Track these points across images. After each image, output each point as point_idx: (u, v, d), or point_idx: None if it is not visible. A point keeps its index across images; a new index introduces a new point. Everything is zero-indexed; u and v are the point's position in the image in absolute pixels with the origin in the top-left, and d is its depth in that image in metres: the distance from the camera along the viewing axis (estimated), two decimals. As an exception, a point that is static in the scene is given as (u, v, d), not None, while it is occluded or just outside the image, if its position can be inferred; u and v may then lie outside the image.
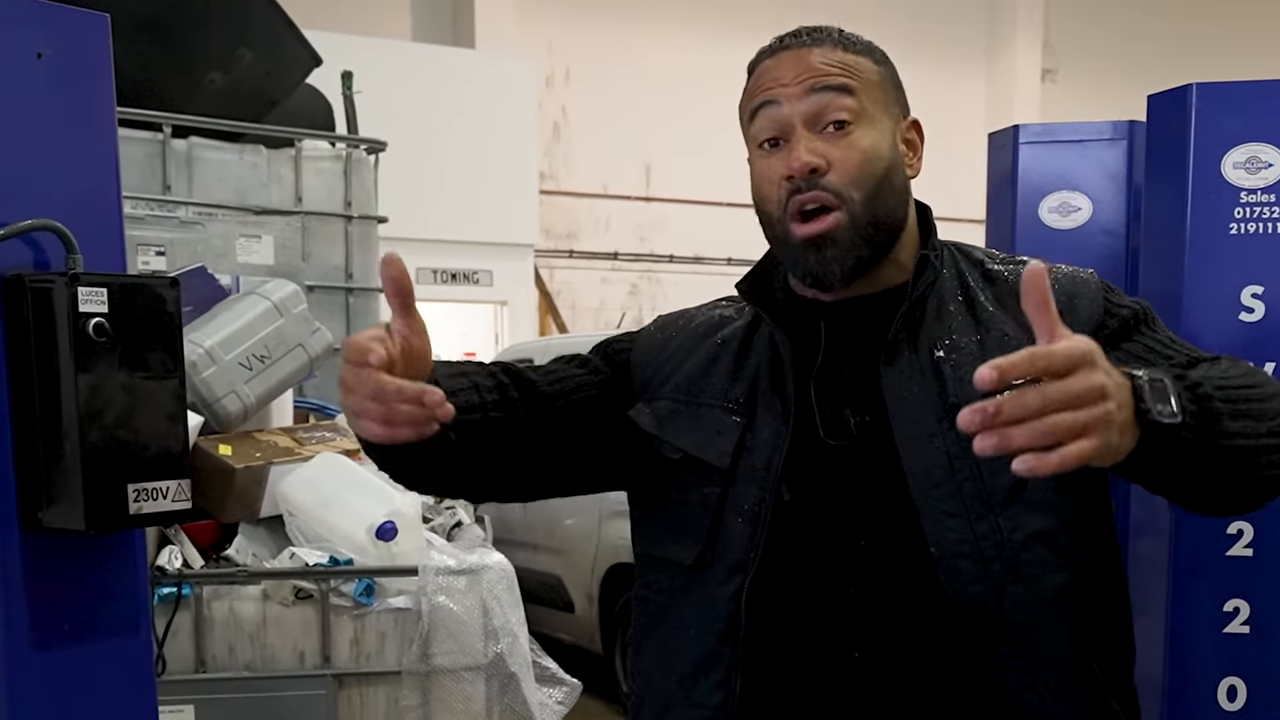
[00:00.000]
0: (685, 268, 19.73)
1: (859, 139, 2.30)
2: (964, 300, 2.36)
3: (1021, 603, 2.20)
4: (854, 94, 2.30)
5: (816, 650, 2.30)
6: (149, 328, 2.98)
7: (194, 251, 6.10)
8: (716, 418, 2.42)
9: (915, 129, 2.42)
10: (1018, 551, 2.20)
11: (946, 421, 2.22)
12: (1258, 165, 3.99)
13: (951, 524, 2.21)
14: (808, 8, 20.65)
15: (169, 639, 4.72)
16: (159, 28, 6.06)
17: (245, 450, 5.16)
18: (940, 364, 2.28)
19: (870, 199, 2.30)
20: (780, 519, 2.31)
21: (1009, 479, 2.18)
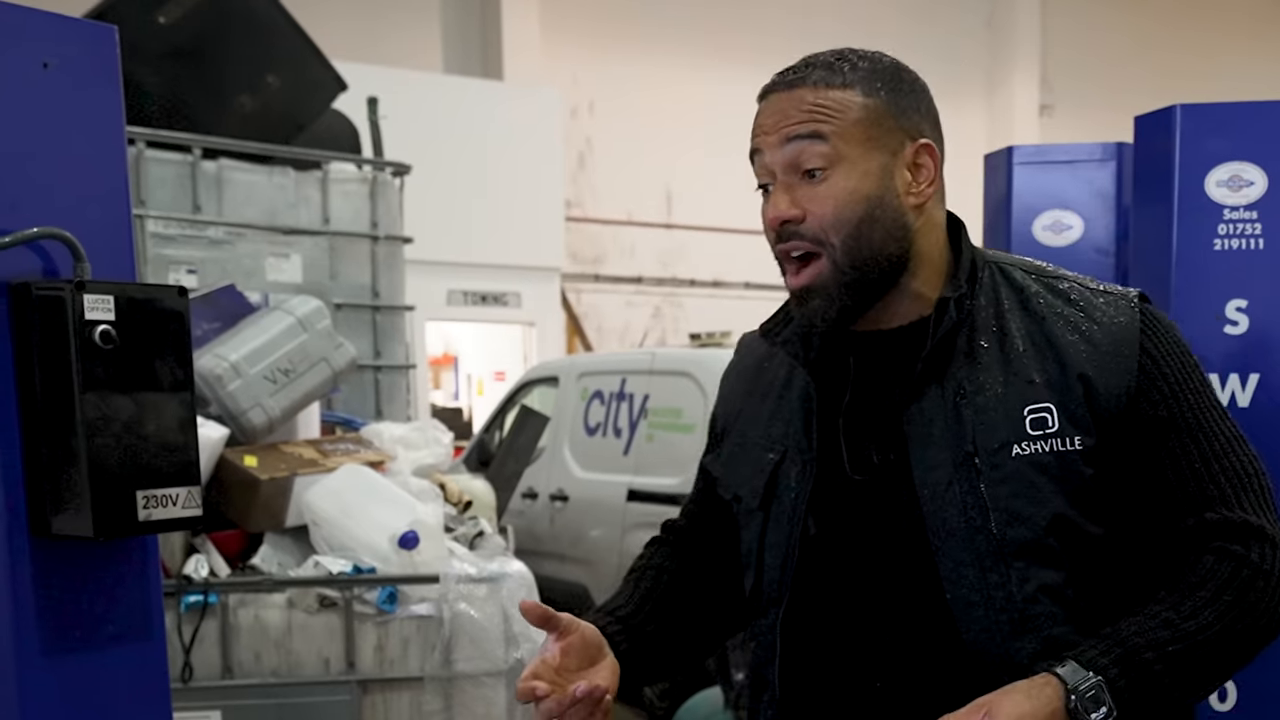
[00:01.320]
0: (705, 291, 19.75)
1: (833, 185, 2.19)
2: (997, 334, 2.24)
3: (1030, 653, 2.15)
4: (826, 139, 2.19)
5: (843, 678, 2.30)
6: (157, 336, 2.87)
7: (224, 270, 6.06)
8: (757, 456, 2.42)
9: (926, 152, 2.24)
10: (1027, 604, 2.16)
11: (963, 470, 2.18)
12: (1240, 183, 4.02)
13: (965, 572, 2.18)
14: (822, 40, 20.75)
15: (196, 646, 4.69)
16: (190, 54, 6.05)
17: (271, 462, 5.10)
18: (962, 408, 2.21)
19: (850, 241, 2.19)
20: (808, 552, 2.32)
21: (1021, 532, 2.15)
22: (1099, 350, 2.18)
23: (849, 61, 2.24)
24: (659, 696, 9.41)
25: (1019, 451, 2.15)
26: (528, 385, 11.68)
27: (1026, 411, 2.16)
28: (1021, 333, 2.23)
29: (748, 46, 19.72)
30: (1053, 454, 2.14)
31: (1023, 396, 2.17)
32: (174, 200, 6.02)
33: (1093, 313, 2.23)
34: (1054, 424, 2.15)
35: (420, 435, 5.78)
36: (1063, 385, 2.16)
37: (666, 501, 9.07)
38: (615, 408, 10.01)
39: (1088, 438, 2.14)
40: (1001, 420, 2.17)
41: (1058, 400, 2.15)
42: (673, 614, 2.53)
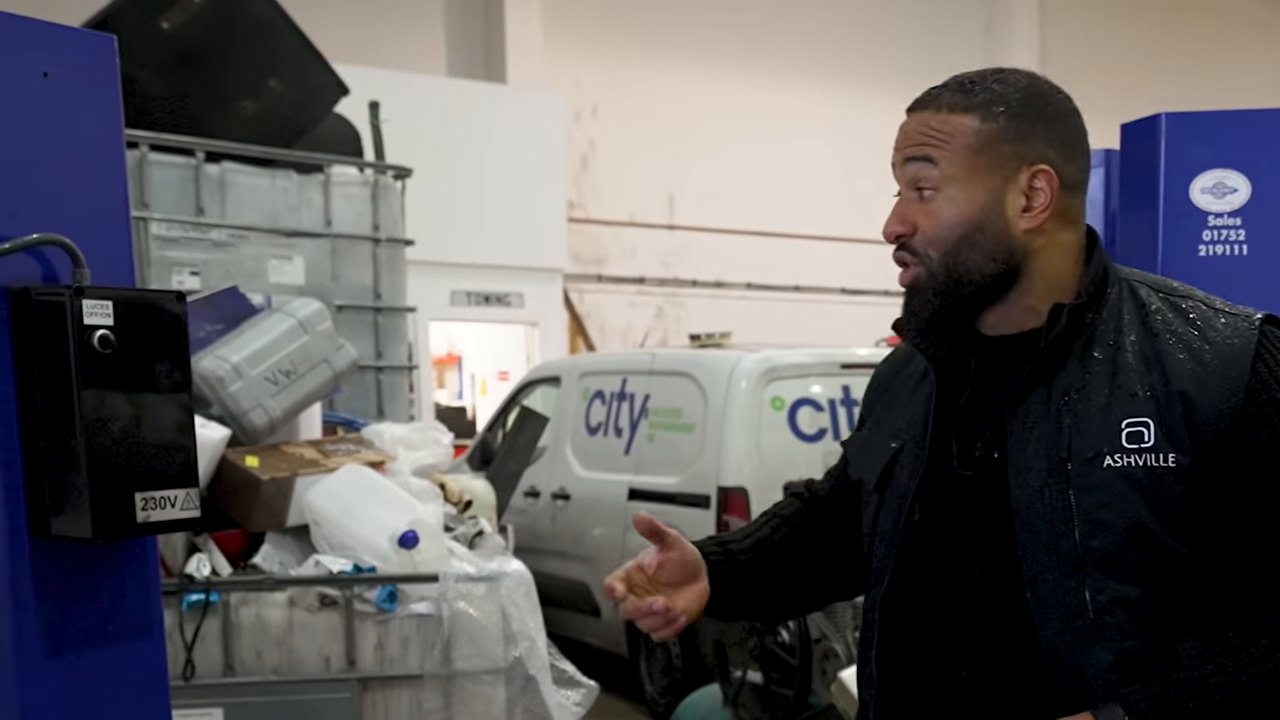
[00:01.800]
0: (707, 292, 19.73)
1: (939, 206, 2.28)
2: (1112, 347, 2.26)
3: (1101, 662, 2.17)
4: (936, 163, 2.28)
5: (933, 664, 2.37)
6: (155, 340, 2.89)
7: (227, 272, 6.07)
8: (883, 443, 2.52)
9: (1042, 178, 2.27)
10: (1101, 614, 2.18)
11: (1055, 474, 2.21)
12: (1224, 190, 4.03)
13: (1046, 575, 2.21)
14: (822, 46, 20.73)
15: (198, 644, 4.69)
16: (194, 59, 6.06)
17: (272, 462, 5.11)
18: (1064, 414, 2.23)
19: (948, 258, 2.28)
20: (910, 538, 2.39)
21: (1102, 542, 2.17)
22: (1206, 369, 2.18)
23: (981, 84, 2.30)
24: (660, 693, 9.43)
25: (1110, 463, 2.16)
26: (530, 385, 11.70)
27: (1124, 424, 2.18)
28: (1134, 348, 2.24)
29: (748, 51, 19.77)
30: (1145, 468, 2.15)
31: (1123, 409, 2.19)
32: (177, 203, 6.03)
33: (1208, 332, 2.23)
34: (1150, 439, 2.16)
35: (420, 436, 5.79)
36: (1165, 401, 2.17)
37: (667, 500, 9.10)
38: (616, 407, 10.03)
39: (1183, 456, 2.14)
40: (1099, 430, 2.19)
41: (1157, 415, 2.16)
42: (778, 564, 2.66)
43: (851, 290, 20.32)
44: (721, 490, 8.62)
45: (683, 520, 8.71)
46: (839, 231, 20.11)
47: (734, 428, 8.75)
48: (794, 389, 8.99)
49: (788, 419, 8.89)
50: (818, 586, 2.77)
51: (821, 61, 20.36)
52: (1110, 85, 22.27)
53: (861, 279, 20.28)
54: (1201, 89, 19.45)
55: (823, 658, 5.73)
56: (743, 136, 19.46)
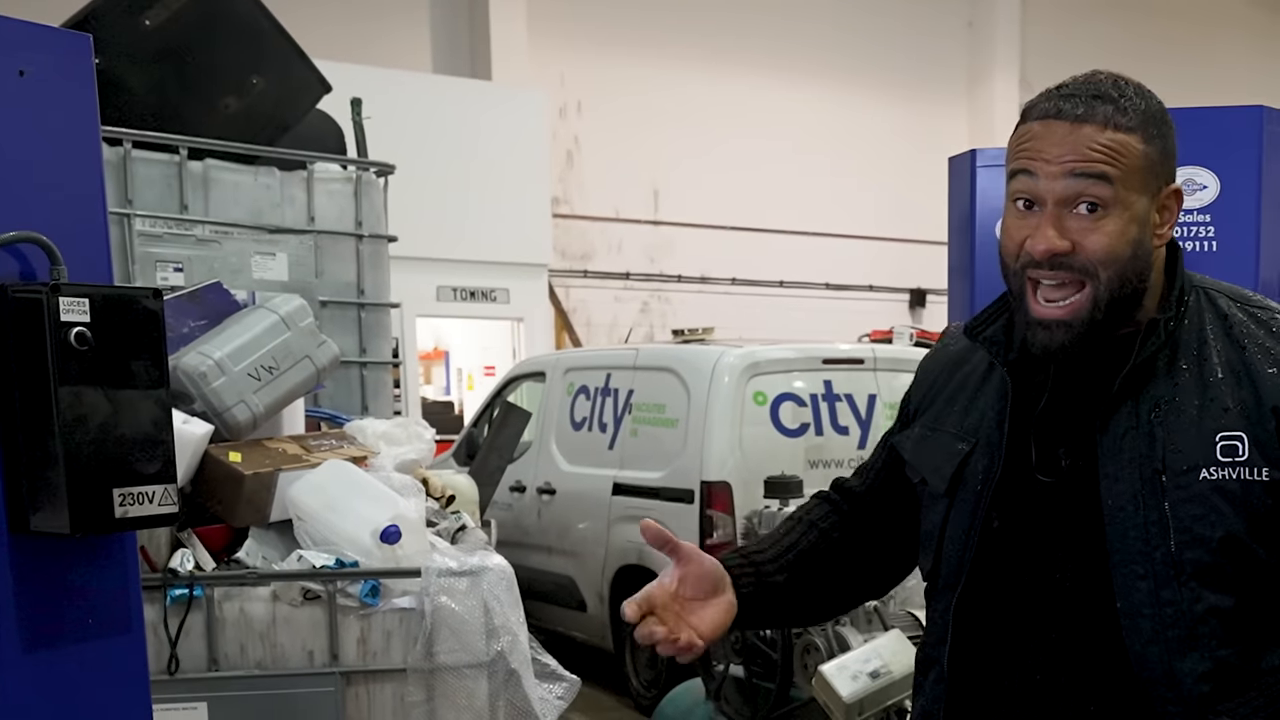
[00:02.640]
0: (692, 287, 19.78)
1: (1109, 225, 2.22)
2: (1198, 358, 2.27)
3: (1192, 671, 2.18)
4: (1112, 182, 2.21)
5: (1007, 668, 2.37)
6: (132, 337, 2.89)
7: (211, 268, 6.04)
8: (948, 444, 2.49)
9: (1175, 197, 2.30)
10: (1195, 623, 2.18)
11: (1149, 486, 2.21)
12: (1194, 187, 4.07)
13: (1139, 585, 2.21)
14: (806, 41, 20.73)
15: (182, 639, 4.67)
16: (176, 56, 6.04)
17: (255, 457, 5.10)
18: (1155, 426, 2.23)
19: (1116, 278, 2.24)
20: (988, 544, 2.38)
21: (1199, 554, 2.18)
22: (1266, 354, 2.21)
23: (1131, 101, 2.26)
24: (645, 686, 9.45)
25: (1206, 476, 2.17)
26: (515, 380, 11.70)
27: (1219, 437, 2.18)
28: (1221, 359, 2.25)
29: (733, 47, 19.81)
30: (1239, 482, 2.16)
31: (1216, 422, 2.19)
32: (161, 200, 6.00)
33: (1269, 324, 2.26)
34: (1244, 453, 2.17)
35: (403, 431, 5.78)
36: (1256, 416, 2.18)
37: (651, 495, 9.11)
38: (600, 403, 10.04)
39: (1276, 471, 2.16)
40: (1193, 443, 2.19)
41: (1249, 430, 2.17)
42: (809, 572, 2.64)
43: (835, 285, 20.36)
44: (705, 485, 8.62)
45: (666, 515, 8.72)
46: (823, 227, 20.16)
47: (717, 422, 8.76)
48: (777, 384, 9.01)
49: (770, 414, 8.90)
50: (851, 589, 2.79)
51: (805, 57, 20.39)
52: (1091, 80, 22.35)
53: (845, 274, 20.35)
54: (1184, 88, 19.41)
55: (804, 651, 5.72)
56: (727, 132, 19.49)
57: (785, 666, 5.82)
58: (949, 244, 4.97)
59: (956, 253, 4.91)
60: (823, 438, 8.98)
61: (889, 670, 5.21)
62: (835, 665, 5.26)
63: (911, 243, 20.27)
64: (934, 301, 21.03)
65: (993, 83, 22.37)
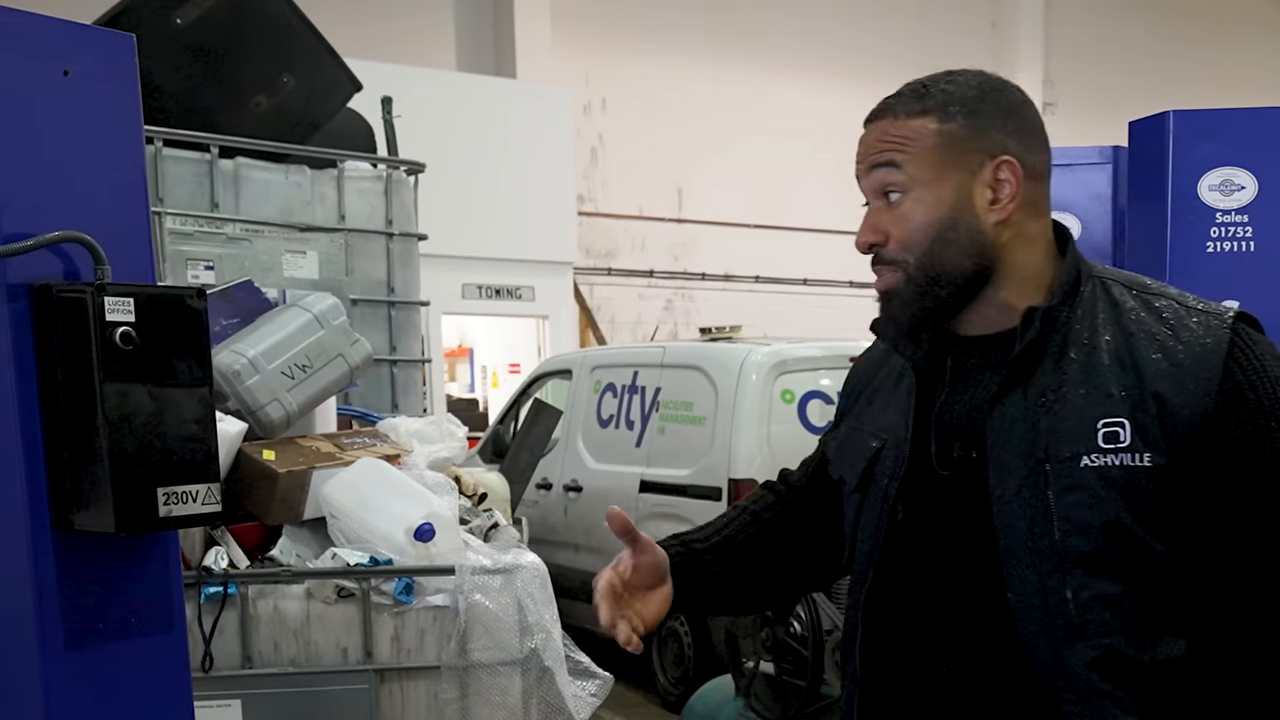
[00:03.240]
0: (716, 285, 19.77)
1: (909, 209, 2.29)
2: (1087, 347, 2.26)
3: (1081, 659, 2.19)
4: (901, 167, 2.30)
5: (914, 661, 2.39)
6: (176, 336, 2.89)
7: (241, 266, 6.05)
8: (863, 441, 2.54)
9: (1007, 168, 2.29)
10: (1082, 611, 2.19)
11: (1033, 475, 2.22)
12: (1231, 188, 4.05)
13: (1026, 575, 2.22)
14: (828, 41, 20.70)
15: (216, 636, 4.68)
16: (207, 54, 6.04)
17: (289, 455, 5.11)
18: (1041, 415, 2.24)
19: (925, 259, 2.29)
20: (894, 538, 2.41)
21: (1082, 541, 2.18)
22: (1179, 369, 2.18)
23: (934, 87, 2.33)
24: (672, 683, 9.45)
25: (1088, 463, 2.17)
26: (541, 378, 11.70)
27: (1101, 424, 2.18)
28: (1109, 347, 2.24)
29: (755, 45, 19.81)
30: (1121, 468, 2.16)
31: (1099, 409, 2.19)
32: (192, 198, 6.01)
33: (1181, 332, 2.22)
34: (1126, 439, 2.16)
35: (435, 429, 5.78)
36: (1139, 401, 2.17)
37: (678, 492, 9.12)
38: (628, 400, 10.05)
39: (1158, 456, 2.14)
40: (1075, 430, 2.20)
41: (1132, 415, 2.16)
42: (746, 560, 2.70)
43: (859, 283, 20.27)
44: (732, 482, 8.63)
45: (694, 512, 8.73)
46: (847, 225, 19.87)
47: (745, 420, 8.77)
48: (804, 381, 9.02)
49: (798, 411, 8.91)
50: (788, 579, 2.82)
51: (828, 57, 20.39)
52: (1114, 83, 22.33)
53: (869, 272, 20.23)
54: (1206, 87, 19.45)
55: (835, 648, 5.71)
56: (750, 130, 19.48)
57: (816, 663, 5.82)
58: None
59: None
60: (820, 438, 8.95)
61: (921, 667, 5.21)
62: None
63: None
64: (957, 299, 20.92)
65: (1016, 81, 22.22)
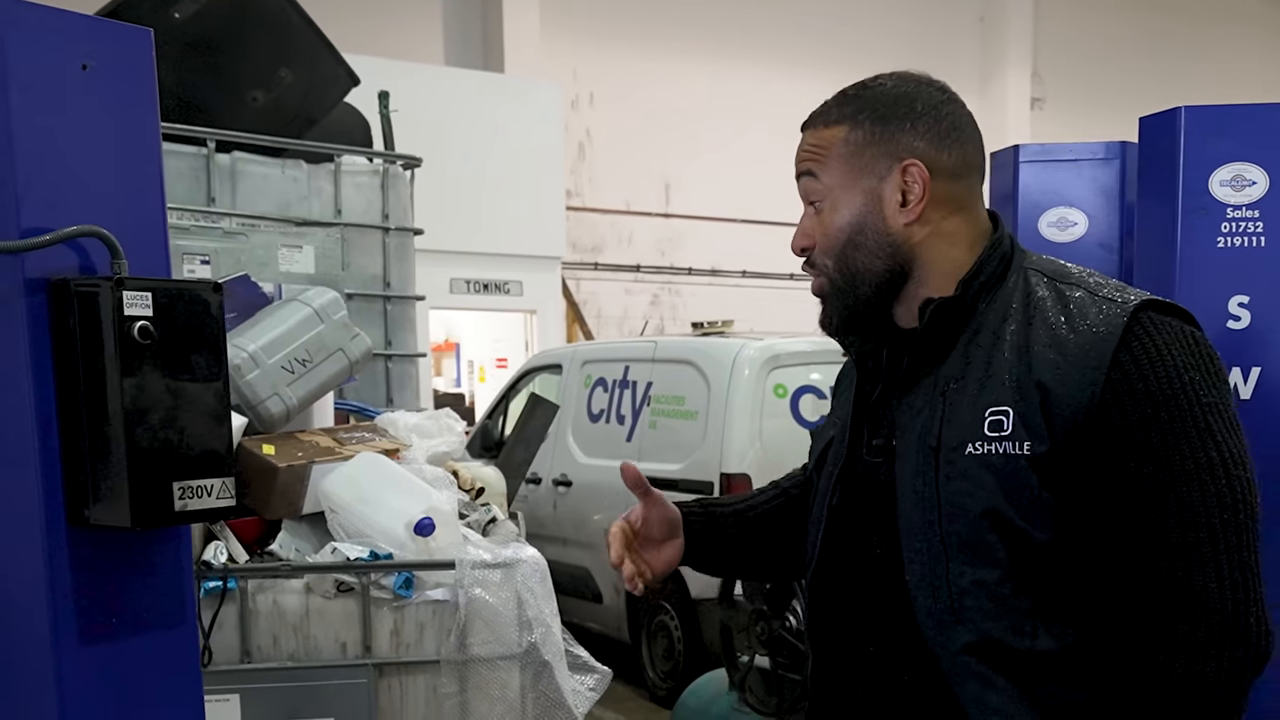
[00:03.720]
0: (703, 280, 19.80)
1: (826, 216, 2.42)
2: (994, 337, 2.30)
3: (963, 644, 2.25)
4: (817, 176, 2.42)
5: (846, 641, 2.49)
6: (193, 331, 2.90)
7: (237, 261, 6.05)
8: (825, 431, 2.69)
9: (914, 171, 2.35)
10: (959, 596, 2.25)
11: (925, 463, 2.30)
12: (1243, 183, 4.07)
13: (917, 559, 2.30)
14: (816, 36, 20.71)
15: (215, 631, 4.67)
16: (205, 49, 6.04)
17: (288, 450, 5.10)
18: (941, 404, 2.30)
19: (839, 263, 2.41)
20: (833, 521, 2.53)
21: (961, 527, 2.25)
22: (1066, 359, 2.20)
23: (852, 95, 2.44)
24: (661, 678, 9.46)
25: (972, 450, 2.23)
26: (531, 372, 11.70)
27: (988, 412, 2.23)
28: (1012, 338, 2.27)
29: (743, 40, 19.83)
30: (1002, 456, 2.20)
31: (989, 397, 2.24)
32: (188, 192, 6.01)
33: (1077, 321, 2.23)
34: (1008, 427, 2.21)
35: (434, 423, 5.78)
36: (1024, 390, 2.20)
37: (669, 487, 9.10)
38: (618, 395, 10.05)
39: (1039, 445, 2.18)
40: (966, 418, 2.25)
41: (1017, 405, 2.20)
42: (763, 530, 2.84)
43: (846, 278, 20.33)
44: (724, 477, 8.65)
45: (686, 507, 8.75)
46: (834, 220, 20.13)
47: (737, 415, 8.79)
48: (796, 376, 9.04)
49: (790, 406, 8.93)
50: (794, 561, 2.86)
51: (817, 51, 20.40)
52: (1103, 79, 22.38)
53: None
54: (1196, 84, 19.52)
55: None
56: (738, 125, 19.50)
57: (813, 658, 5.82)
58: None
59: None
60: (810, 432, 8.98)
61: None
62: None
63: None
64: (943, 294, 20.98)
65: (1005, 78, 22.41)
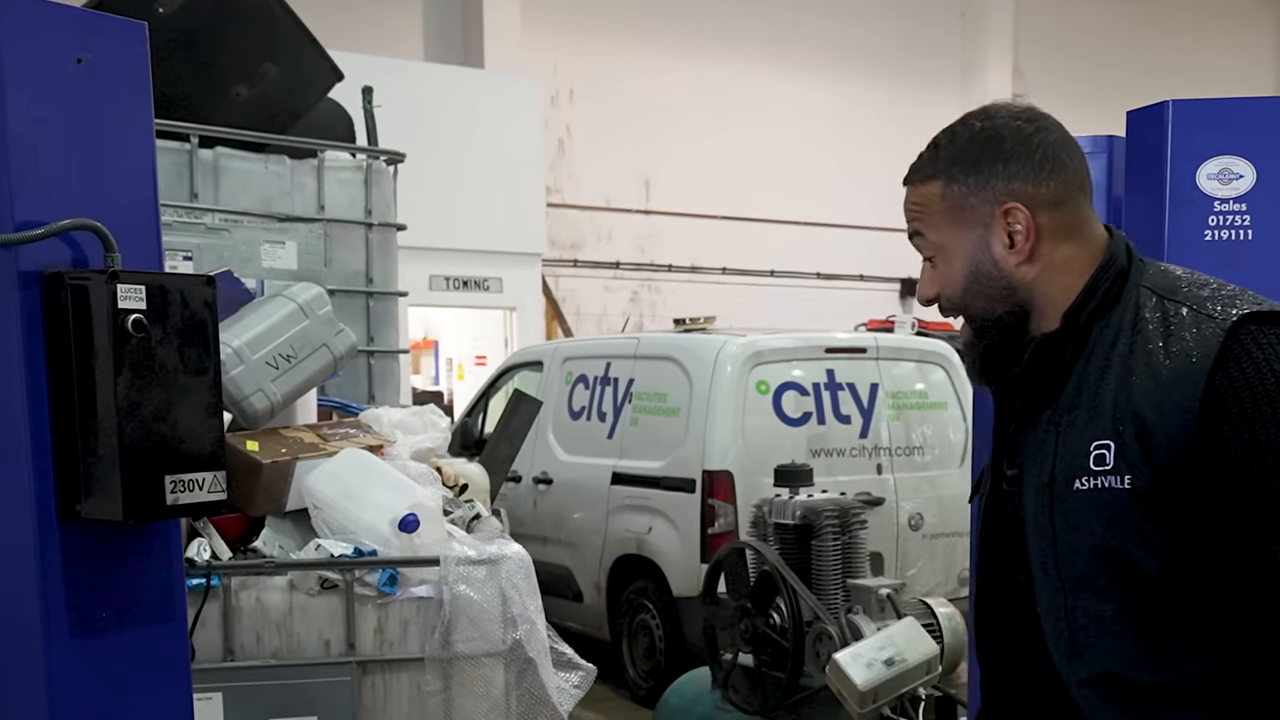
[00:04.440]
0: (683, 276, 19.77)
1: (943, 269, 2.44)
2: (1103, 364, 2.26)
3: (1081, 679, 2.26)
4: (924, 234, 2.45)
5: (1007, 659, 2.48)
6: (185, 324, 2.91)
7: (220, 256, 6.04)
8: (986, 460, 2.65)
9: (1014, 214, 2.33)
10: (1076, 632, 2.25)
11: (1043, 497, 2.29)
12: (1230, 176, 4.06)
13: (1043, 592, 2.31)
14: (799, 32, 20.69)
15: (198, 628, 4.65)
16: (189, 44, 6.01)
17: (272, 446, 5.10)
18: (1056, 436, 2.29)
19: (965, 308, 2.43)
20: (983, 549, 2.53)
21: (1076, 563, 2.24)
22: (1160, 387, 2.15)
23: (939, 149, 2.40)
24: (642, 677, 9.44)
25: (1079, 486, 2.21)
26: (511, 369, 11.66)
27: (1093, 446, 2.20)
28: (1117, 365, 2.23)
29: (724, 36, 19.80)
30: (1107, 490, 2.17)
31: (1094, 429, 2.21)
32: (171, 188, 5.99)
33: (1174, 345, 2.17)
34: (1110, 461, 2.18)
35: (418, 420, 5.78)
36: (1124, 421, 2.17)
37: (650, 484, 9.09)
38: (600, 392, 10.01)
39: (1139, 479, 2.14)
40: (1075, 452, 2.23)
41: (1117, 438, 2.17)
42: None
43: (827, 275, 20.37)
44: (706, 474, 8.61)
45: (667, 505, 8.76)
46: (815, 216, 20.15)
47: (719, 412, 8.75)
48: (779, 373, 9.00)
49: (773, 403, 8.90)
50: None
51: (797, 47, 20.39)
52: (1084, 73, 22.40)
53: (836, 264, 20.35)
54: (1178, 77, 19.53)
55: (816, 639, 5.73)
56: (718, 121, 19.47)
57: (797, 655, 5.83)
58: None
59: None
60: (825, 427, 9.00)
61: (903, 658, 5.24)
62: (850, 653, 5.28)
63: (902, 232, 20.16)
64: (925, 292, 20.98)
65: (986, 72, 22.41)
